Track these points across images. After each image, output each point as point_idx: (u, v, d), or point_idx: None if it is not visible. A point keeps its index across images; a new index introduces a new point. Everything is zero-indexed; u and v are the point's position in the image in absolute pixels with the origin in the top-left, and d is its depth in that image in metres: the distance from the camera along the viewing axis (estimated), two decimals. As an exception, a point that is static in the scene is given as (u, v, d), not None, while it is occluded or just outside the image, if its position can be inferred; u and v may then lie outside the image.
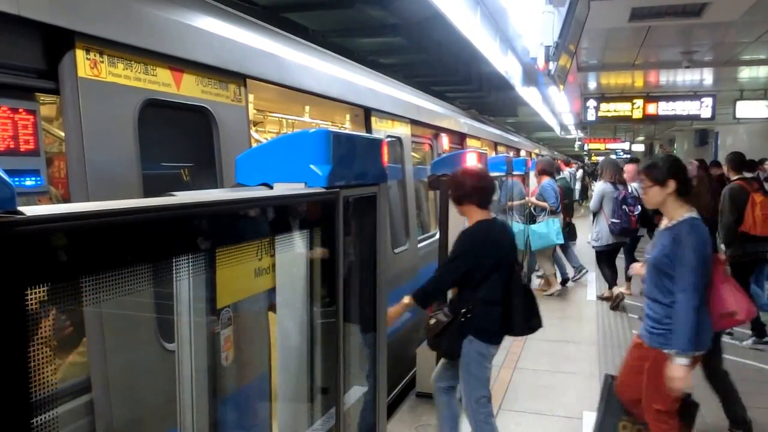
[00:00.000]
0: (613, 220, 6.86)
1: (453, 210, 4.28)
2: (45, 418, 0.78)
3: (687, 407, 3.10)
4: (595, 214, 7.27)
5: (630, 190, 7.00)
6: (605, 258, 7.24)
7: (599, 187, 7.41)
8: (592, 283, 8.31)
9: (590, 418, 3.75)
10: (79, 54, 1.89)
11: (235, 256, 1.36)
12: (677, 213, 2.90)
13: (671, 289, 2.85)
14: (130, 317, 1.98)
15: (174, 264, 1.16)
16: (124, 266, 0.94)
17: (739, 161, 6.00)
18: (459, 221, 4.26)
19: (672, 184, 2.88)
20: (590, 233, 7.72)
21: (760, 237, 5.46)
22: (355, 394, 2.03)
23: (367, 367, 2.06)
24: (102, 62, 1.97)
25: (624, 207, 6.83)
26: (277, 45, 3.17)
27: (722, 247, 5.92)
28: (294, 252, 1.72)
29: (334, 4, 5.85)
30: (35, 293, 0.78)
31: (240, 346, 2.01)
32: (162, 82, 2.24)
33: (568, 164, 15.38)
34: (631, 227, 6.90)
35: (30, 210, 0.80)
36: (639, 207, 6.76)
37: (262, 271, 1.92)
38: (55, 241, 0.83)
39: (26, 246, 0.78)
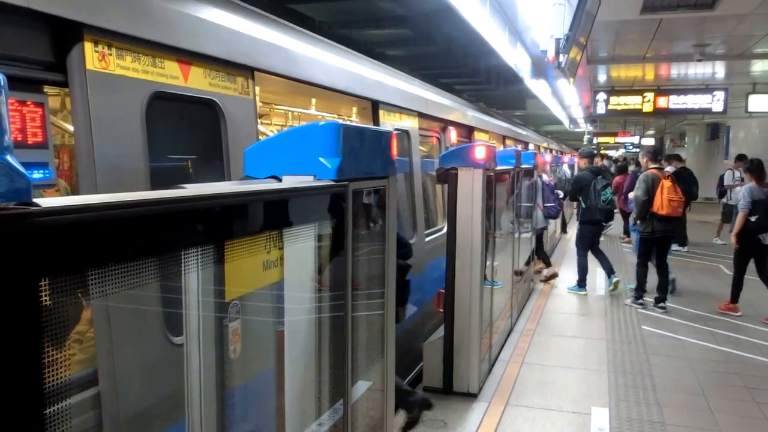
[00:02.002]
0: (548, 205, 7.96)
1: (461, 204, 4.26)
2: (56, 408, 0.78)
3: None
4: None
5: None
6: (541, 239, 8.47)
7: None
8: (601, 278, 8.26)
9: (599, 414, 3.74)
10: (88, 46, 1.88)
11: (243, 249, 1.35)
12: None
13: None
14: (139, 310, 1.98)
15: (183, 256, 1.15)
16: (136, 258, 0.94)
17: (654, 153, 7.44)
18: (467, 216, 4.24)
19: None
20: None
21: (666, 217, 6.63)
22: (361, 387, 2.03)
23: None
24: (110, 55, 1.97)
25: (556, 192, 8.10)
26: (284, 37, 3.15)
27: (637, 222, 6.99)
28: (303, 245, 1.71)
29: (342, -4, 5.83)
30: (49, 284, 0.78)
31: (248, 338, 2.00)
32: (170, 75, 2.23)
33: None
34: (560, 209, 8.26)
35: (45, 202, 0.80)
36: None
37: (270, 263, 1.91)
38: (69, 233, 0.83)
39: (41, 237, 0.78)
